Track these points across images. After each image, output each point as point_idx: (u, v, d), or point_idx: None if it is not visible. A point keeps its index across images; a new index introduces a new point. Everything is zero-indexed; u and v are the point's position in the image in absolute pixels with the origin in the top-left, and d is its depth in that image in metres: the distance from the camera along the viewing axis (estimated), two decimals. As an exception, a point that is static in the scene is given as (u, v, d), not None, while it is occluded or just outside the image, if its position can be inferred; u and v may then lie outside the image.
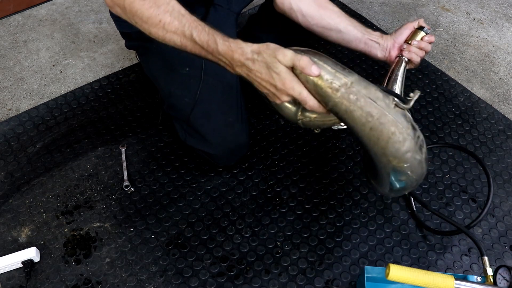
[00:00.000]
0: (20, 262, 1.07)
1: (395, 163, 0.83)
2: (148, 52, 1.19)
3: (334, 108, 0.81)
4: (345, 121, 0.83)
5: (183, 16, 0.86)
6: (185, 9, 0.88)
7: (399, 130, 0.80)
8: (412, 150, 0.82)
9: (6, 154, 1.30)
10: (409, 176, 0.86)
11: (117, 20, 1.21)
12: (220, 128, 1.15)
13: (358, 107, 0.79)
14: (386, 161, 0.84)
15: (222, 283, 1.08)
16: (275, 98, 0.86)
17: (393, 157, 0.82)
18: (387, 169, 0.86)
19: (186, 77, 1.14)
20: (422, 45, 1.09)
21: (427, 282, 0.80)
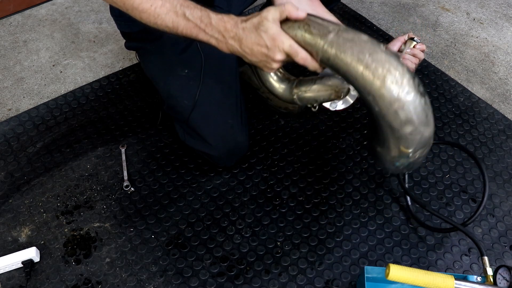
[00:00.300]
0: (20, 262, 1.07)
1: (396, 107, 0.79)
2: (147, 53, 1.19)
3: (325, 56, 0.81)
4: (338, 68, 0.82)
5: None
6: None
7: (394, 67, 0.77)
8: (412, 91, 0.78)
9: (6, 154, 1.30)
10: (414, 123, 0.81)
11: (117, 20, 1.21)
12: (220, 130, 1.15)
13: (348, 48, 0.78)
14: (386, 105, 0.79)
15: (222, 283, 1.08)
16: (267, 63, 0.85)
17: (393, 99, 0.78)
18: (389, 118, 0.81)
19: (185, 79, 1.14)
20: (415, 52, 1.09)
21: (427, 282, 0.80)
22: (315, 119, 1.42)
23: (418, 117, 0.81)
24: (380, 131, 0.88)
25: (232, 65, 1.19)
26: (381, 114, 0.83)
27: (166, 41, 1.15)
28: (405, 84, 0.78)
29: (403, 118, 0.80)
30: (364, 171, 1.30)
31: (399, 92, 0.78)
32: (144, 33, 1.18)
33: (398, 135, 0.84)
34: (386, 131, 0.85)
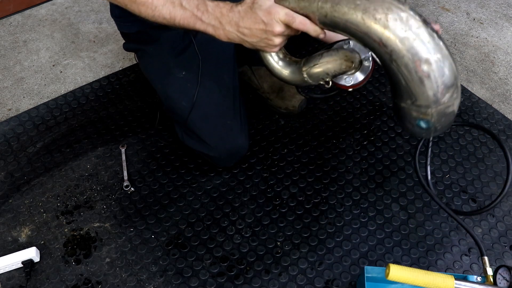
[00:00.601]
0: (20, 262, 1.07)
1: (407, 45, 0.74)
2: (145, 55, 1.20)
3: (322, 14, 0.79)
4: (338, 24, 0.79)
5: None
6: None
7: (394, 5, 0.74)
8: (419, 25, 0.73)
9: (6, 154, 1.30)
10: (430, 59, 0.75)
11: (117, 20, 1.21)
12: (219, 131, 1.15)
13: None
14: (395, 47, 0.75)
15: (222, 283, 1.08)
16: (269, 40, 0.85)
17: (401, 39, 0.73)
18: (402, 60, 0.76)
19: (183, 80, 1.14)
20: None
21: (427, 282, 0.80)
22: (315, 119, 1.42)
23: (433, 51, 0.74)
24: (398, 81, 0.80)
25: (230, 66, 1.19)
26: (393, 59, 0.76)
27: (164, 43, 1.15)
28: (409, 20, 0.74)
29: (416, 56, 0.75)
30: (364, 171, 1.30)
31: (405, 29, 0.74)
32: (142, 34, 1.18)
33: (417, 78, 0.76)
34: (405, 77, 0.78)
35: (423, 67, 0.75)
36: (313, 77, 0.94)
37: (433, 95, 0.78)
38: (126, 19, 1.17)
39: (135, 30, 1.18)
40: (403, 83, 0.79)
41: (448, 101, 0.79)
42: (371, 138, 1.38)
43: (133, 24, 1.18)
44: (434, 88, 0.77)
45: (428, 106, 0.79)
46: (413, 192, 1.26)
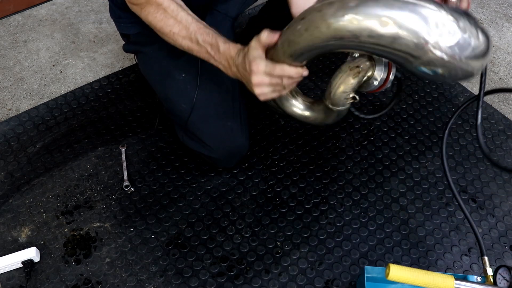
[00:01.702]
0: (20, 262, 1.07)
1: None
2: (145, 56, 1.20)
3: (310, 43, 0.78)
4: (313, 46, 0.78)
5: (190, 24, 0.95)
6: (191, 17, 0.96)
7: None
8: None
9: (6, 154, 1.30)
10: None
11: (117, 21, 1.21)
12: (219, 133, 1.15)
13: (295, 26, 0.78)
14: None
15: (222, 283, 1.08)
16: (251, 87, 0.89)
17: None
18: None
19: (182, 82, 1.14)
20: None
21: (427, 282, 0.80)
22: (315, 119, 1.42)
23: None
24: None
25: None
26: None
27: (164, 46, 1.15)
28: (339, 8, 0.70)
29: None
30: (364, 171, 1.30)
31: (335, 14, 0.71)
32: (142, 36, 1.18)
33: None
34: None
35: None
36: (338, 103, 0.94)
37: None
38: (126, 20, 1.17)
39: (135, 31, 1.18)
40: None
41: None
42: (371, 138, 1.38)
43: (133, 26, 1.18)
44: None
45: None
46: (413, 192, 1.26)
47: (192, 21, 0.95)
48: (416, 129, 1.41)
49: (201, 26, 0.95)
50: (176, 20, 0.95)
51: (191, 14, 0.97)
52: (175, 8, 0.96)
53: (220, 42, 0.93)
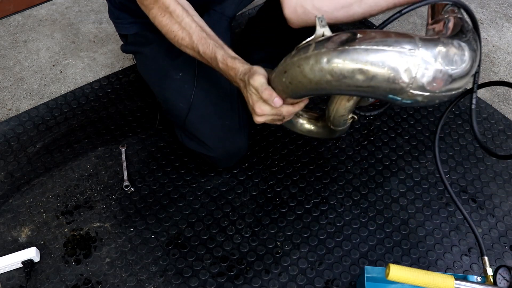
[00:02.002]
0: (20, 262, 1.07)
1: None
2: (142, 57, 1.20)
3: (299, 93, 0.80)
4: (300, 87, 0.79)
5: (193, 33, 0.94)
6: (196, 25, 0.95)
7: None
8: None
9: (6, 154, 1.30)
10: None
11: (115, 22, 1.21)
12: (217, 132, 1.15)
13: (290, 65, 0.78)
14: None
15: (222, 283, 1.08)
16: (256, 119, 0.90)
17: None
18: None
19: (179, 82, 1.14)
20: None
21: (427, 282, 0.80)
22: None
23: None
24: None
25: None
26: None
27: (161, 46, 1.15)
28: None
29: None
30: (364, 171, 1.30)
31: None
32: (139, 36, 1.18)
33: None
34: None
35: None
36: (339, 124, 0.95)
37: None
38: (124, 20, 1.18)
39: (133, 31, 1.18)
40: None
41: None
42: (371, 138, 1.38)
43: (132, 26, 1.18)
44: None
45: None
46: (413, 192, 1.26)
47: (196, 29, 0.94)
48: (416, 129, 1.41)
49: (203, 36, 0.94)
50: (181, 26, 0.95)
51: (196, 20, 0.96)
52: (181, 13, 0.95)
53: (218, 57, 0.92)
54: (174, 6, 0.97)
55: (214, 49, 0.93)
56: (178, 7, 0.97)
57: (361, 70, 0.67)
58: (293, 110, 0.88)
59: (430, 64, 0.66)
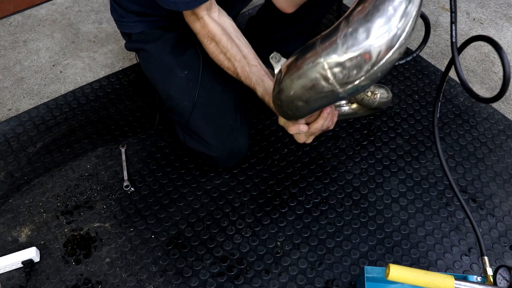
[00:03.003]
0: (20, 262, 1.07)
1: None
2: (147, 54, 1.20)
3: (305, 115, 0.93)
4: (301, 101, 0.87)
5: (238, 66, 1.03)
6: (240, 56, 1.03)
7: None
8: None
9: (6, 154, 1.30)
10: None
11: (119, 21, 1.21)
12: (220, 131, 1.15)
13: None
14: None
15: (222, 283, 1.08)
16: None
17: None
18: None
19: (184, 80, 1.14)
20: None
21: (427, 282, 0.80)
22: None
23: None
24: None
25: None
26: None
27: (167, 43, 1.15)
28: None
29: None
30: (364, 171, 1.30)
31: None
32: (144, 35, 1.18)
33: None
34: None
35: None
36: (368, 103, 1.02)
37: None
38: (129, 19, 1.18)
39: (138, 30, 1.18)
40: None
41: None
42: (371, 138, 1.38)
43: (136, 25, 1.18)
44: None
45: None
46: (413, 192, 1.26)
47: (239, 62, 1.03)
48: (416, 129, 1.41)
49: (246, 70, 1.03)
50: (226, 56, 1.04)
51: (242, 49, 1.04)
52: (226, 44, 1.03)
53: (258, 93, 1.03)
54: (220, 36, 1.04)
55: (254, 86, 1.03)
56: (224, 37, 1.03)
57: (303, 87, 0.79)
58: (319, 124, 0.97)
59: (337, 62, 0.72)
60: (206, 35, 1.04)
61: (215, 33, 1.03)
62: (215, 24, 1.04)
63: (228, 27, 1.07)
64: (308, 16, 1.31)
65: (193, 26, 1.05)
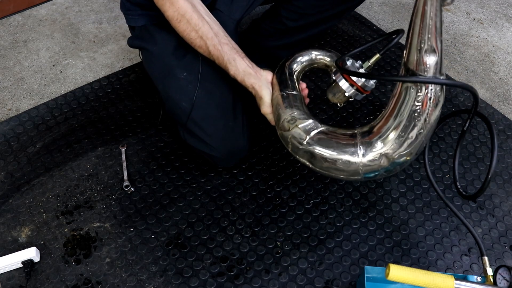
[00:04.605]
0: (20, 262, 1.07)
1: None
2: (148, 54, 1.20)
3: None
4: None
5: (210, 45, 1.04)
6: (212, 34, 1.03)
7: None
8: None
9: (6, 154, 1.30)
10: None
11: (126, 14, 1.22)
12: (219, 132, 1.15)
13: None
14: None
15: (222, 283, 1.08)
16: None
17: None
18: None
19: (183, 81, 1.14)
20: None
21: (427, 282, 0.80)
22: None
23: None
24: None
25: None
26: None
27: (168, 45, 1.16)
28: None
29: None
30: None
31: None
32: (146, 31, 1.19)
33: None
34: None
35: None
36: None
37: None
38: (134, 12, 1.19)
39: (141, 24, 1.19)
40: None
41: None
42: (371, 138, 1.38)
43: (140, 18, 1.19)
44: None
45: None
46: (413, 192, 1.26)
47: (211, 41, 1.03)
48: (416, 129, 1.41)
49: (218, 48, 1.03)
50: (198, 34, 1.03)
51: (212, 26, 1.04)
52: (197, 21, 1.02)
53: (230, 72, 1.06)
54: (191, 13, 1.01)
55: (226, 65, 1.05)
56: (194, 14, 1.01)
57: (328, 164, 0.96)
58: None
59: (373, 160, 0.91)
60: (176, 12, 1.02)
61: (186, 10, 1.01)
62: (185, 0, 1.02)
63: (197, 4, 1.05)
64: (311, 28, 1.32)
65: (162, 8, 1.04)
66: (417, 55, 0.81)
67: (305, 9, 1.26)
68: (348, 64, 0.98)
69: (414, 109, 0.85)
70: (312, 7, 1.25)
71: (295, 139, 0.98)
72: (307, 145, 0.96)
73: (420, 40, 0.80)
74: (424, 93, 0.83)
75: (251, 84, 1.07)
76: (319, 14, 1.27)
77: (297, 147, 0.98)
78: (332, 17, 1.31)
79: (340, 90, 1.02)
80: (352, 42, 1.67)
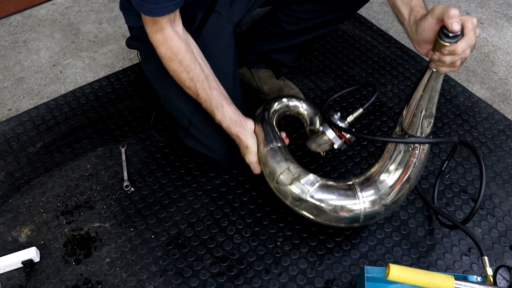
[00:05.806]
0: (20, 262, 1.07)
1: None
2: (146, 55, 1.20)
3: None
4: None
5: (199, 88, 1.03)
6: (203, 77, 1.02)
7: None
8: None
9: (6, 154, 1.30)
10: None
11: (125, 13, 1.22)
12: (219, 135, 1.15)
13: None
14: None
15: (222, 283, 1.08)
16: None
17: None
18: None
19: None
20: (444, 59, 0.81)
21: (427, 282, 0.80)
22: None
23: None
24: None
25: (230, 71, 1.19)
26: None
27: None
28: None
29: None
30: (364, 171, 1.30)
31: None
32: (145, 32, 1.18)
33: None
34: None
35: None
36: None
37: None
38: (133, 12, 1.18)
39: (139, 24, 1.19)
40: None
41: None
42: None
43: (139, 18, 1.18)
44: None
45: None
46: (413, 192, 1.26)
47: (202, 84, 1.03)
48: (416, 129, 1.41)
49: (206, 90, 1.03)
50: (189, 76, 1.02)
51: (204, 70, 1.03)
52: (190, 63, 1.01)
53: (216, 117, 1.06)
54: (184, 53, 1.00)
55: (213, 110, 1.05)
56: (187, 55, 1.00)
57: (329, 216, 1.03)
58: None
59: (373, 203, 1.01)
60: (169, 51, 0.99)
61: (179, 49, 0.99)
62: (179, 39, 1.00)
63: (191, 44, 1.05)
64: (309, 32, 1.32)
65: (153, 38, 1.00)
66: (419, 121, 0.94)
67: (303, 13, 1.26)
68: (336, 117, 1.07)
69: (406, 160, 0.99)
70: (310, 12, 1.25)
71: (296, 193, 1.01)
72: (311, 198, 1.00)
73: (421, 109, 0.92)
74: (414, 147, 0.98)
75: (236, 132, 1.08)
76: (317, 19, 1.27)
77: (299, 201, 1.01)
78: (330, 22, 1.31)
79: (327, 141, 1.09)
80: (352, 42, 1.67)
